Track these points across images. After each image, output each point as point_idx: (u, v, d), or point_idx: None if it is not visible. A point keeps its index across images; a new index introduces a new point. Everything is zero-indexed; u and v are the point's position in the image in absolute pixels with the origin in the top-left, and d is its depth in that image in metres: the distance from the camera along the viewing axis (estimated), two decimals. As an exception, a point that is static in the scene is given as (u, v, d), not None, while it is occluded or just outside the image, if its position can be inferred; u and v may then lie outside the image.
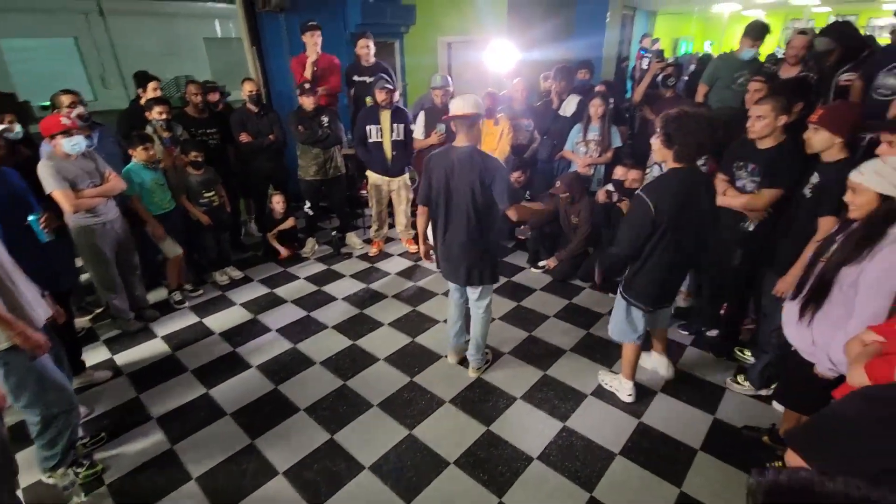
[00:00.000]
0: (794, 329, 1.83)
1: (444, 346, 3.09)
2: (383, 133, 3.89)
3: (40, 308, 1.94)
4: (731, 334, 2.94)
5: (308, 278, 4.05)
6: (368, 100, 4.15)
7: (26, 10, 10.07)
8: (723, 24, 12.64)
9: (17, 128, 3.06)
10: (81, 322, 3.35)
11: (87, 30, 11.39)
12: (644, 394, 2.63)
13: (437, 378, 2.82)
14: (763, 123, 2.38)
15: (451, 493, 2.11)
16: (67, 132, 2.62)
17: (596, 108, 3.75)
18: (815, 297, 1.72)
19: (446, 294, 3.71)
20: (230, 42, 12.29)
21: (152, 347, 3.16)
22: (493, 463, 2.24)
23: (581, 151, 3.89)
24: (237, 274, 4.07)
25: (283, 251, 4.33)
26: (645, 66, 5.73)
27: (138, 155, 3.23)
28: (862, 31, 3.61)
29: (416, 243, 4.50)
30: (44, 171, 2.64)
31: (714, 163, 2.90)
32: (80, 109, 3.21)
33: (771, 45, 11.37)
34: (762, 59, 4.14)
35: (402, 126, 3.91)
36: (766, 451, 2.22)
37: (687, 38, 12.65)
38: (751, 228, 2.62)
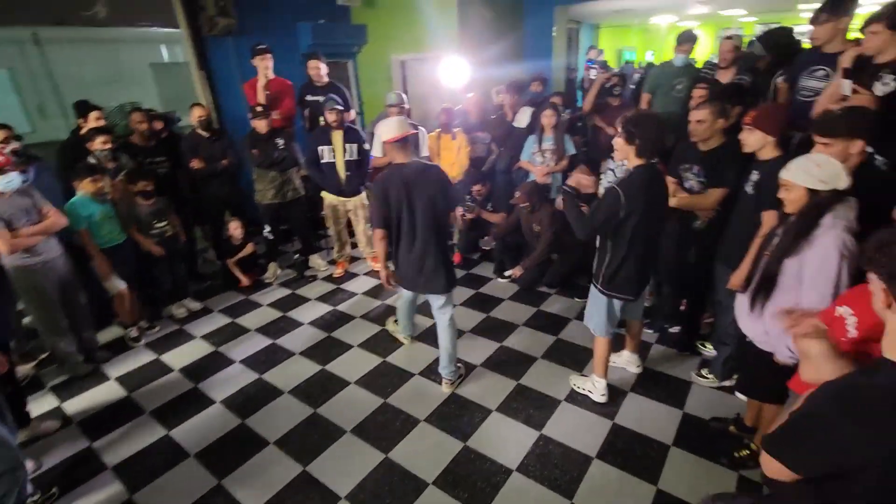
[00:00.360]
0: (748, 321, 1.92)
1: (416, 363, 3.06)
2: (336, 153, 3.86)
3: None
4: (692, 329, 3.05)
5: (272, 304, 3.93)
6: (322, 119, 4.12)
7: (-51, 42, 9.48)
8: (662, 35, 13.37)
9: None
10: (25, 370, 3.11)
11: (22, 60, 10.80)
12: (615, 394, 2.67)
13: (410, 397, 2.77)
14: (703, 127, 2.52)
15: (431, 514, 2.06)
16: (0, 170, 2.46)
17: (548, 118, 3.86)
18: (762, 288, 1.81)
19: (415, 310, 3.70)
20: (179, 67, 11.91)
21: (105, 391, 2.97)
22: (473, 479, 2.21)
23: (538, 161, 3.98)
24: (195, 305, 3.90)
25: (244, 279, 4.19)
26: (592, 77, 5.98)
27: (86, 187, 3.07)
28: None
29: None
30: (-27, 211, 2.46)
31: (663, 165, 3.03)
32: (14, 145, 3.03)
33: (706, 53, 12.09)
34: (699, 65, 4.39)
35: (355, 146, 3.88)
36: (733, 441, 2.29)
37: (630, 48, 13.29)
38: (702, 226, 2.74)
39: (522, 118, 4.15)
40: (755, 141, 2.19)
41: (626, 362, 2.87)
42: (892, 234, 0.99)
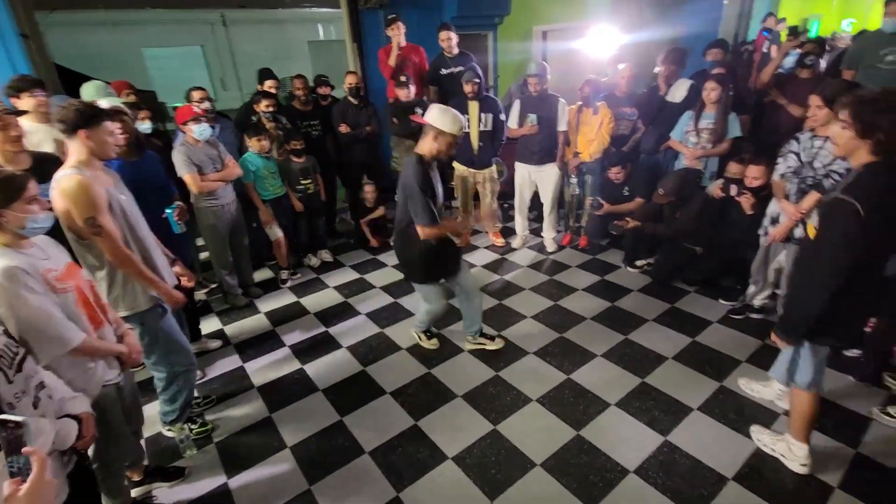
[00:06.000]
0: None
1: (532, 341, 2.98)
2: (471, 123, 3.84)
3: (168, 275, 2.15)
4: (879, 356, 2.48)
5: (396, 266, 4.13)
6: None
7: (162, 21, 11.56)
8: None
9: (148, 123, 3.42)
10: (199, 295, 3.73)
11: (212, 38, 12.82)
12: (766, 418, 2.30)
13: (523, 374, 2.71)
14: None
15: (537, 495, 2.00)
16: (197, 119, 2.91)
17: (710, 91, 3.34)
18: None
19: (533, 289, 3.60)
20: (331, 44, 13.11)
21: (256, 322, 3.41)
22: (584, 470, 2.09)
23: (691, 141, 3.51)
24: (328, 257, 4.27)
25: (373, 240, 4.47)
26: (766, 50, 5.05)
27: (252, 145, 3.51)
28: None
29: (502, 237, 4.41)
30: (177, 156, 2.97)
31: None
32: (206, 104, 3.55)
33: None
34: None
35: (490, 116, 3.82)
36: (929, 500, 1.82)
37: (817, 16, 11.07)
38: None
39: (678, 92, 3.68)
40: None
41: (777, 396, 2.40)
42: None
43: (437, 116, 2.31)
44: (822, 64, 4.17)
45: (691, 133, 3.50)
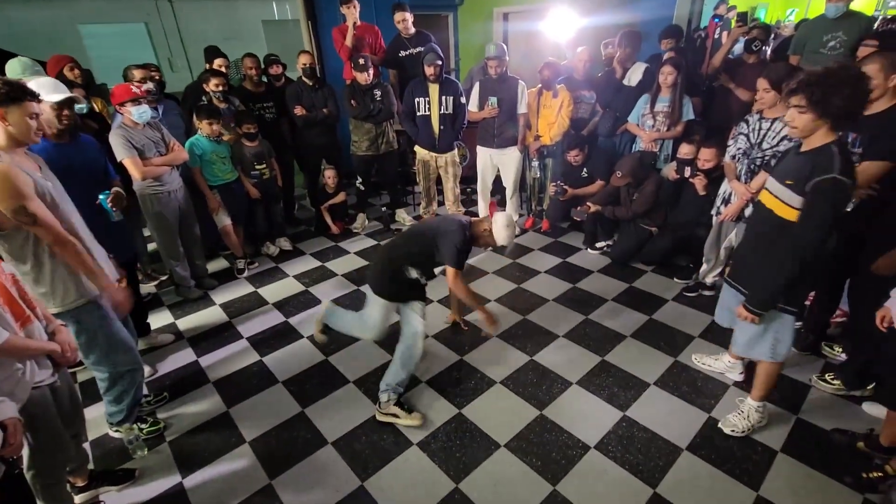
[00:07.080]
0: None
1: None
2: (431, 106, 3.77)
3: (108, 270, 2.00)
4: (817, 327, 2.63)
5: (358, 253, 4.05)
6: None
7: (99, -4, 10.65)
8: (810, -10, 11.37)
9: (83, 103, 3.17)
10: (147, 288, 3.53)
11: (157, 15, 11.97)
12: (715, 388, 2.41)
13: (487, 358, 2.72)
14: (870, 85, 2.06)
15: (501, 476, 2.02)
16: (136, 101, 2.70)
17: (666, 75, 3.41)
18: None
19: (496, 273, 3.62)
20: (287, 24, 12.54)
21: (211, 314, 3.27)
22: (547, 449, 2.13)
23: (647, 125, 3.58)
24: (286, 245, 4.13)
25: (334, 226, 4.36)
26: (717, 36, 5.21)
27: (203, 128, 3.31)
28: None
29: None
30: (115, 139, 2.74)
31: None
32: (148, 85, 3.31)
33: (869, 6, 10.06)
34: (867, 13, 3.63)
35: (450, 98, 3.76)
36: (860, 459, 1.96)
37: (764, 5, 11.50)
38: (849, 208, 2.30)
39: (634, 75, 3.74)
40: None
41: (727, 368, 2.51)
42: None
43: (497, 223, 2.38)
44: (767, 51, 4.34)
45: (647, 116, 3.57)
